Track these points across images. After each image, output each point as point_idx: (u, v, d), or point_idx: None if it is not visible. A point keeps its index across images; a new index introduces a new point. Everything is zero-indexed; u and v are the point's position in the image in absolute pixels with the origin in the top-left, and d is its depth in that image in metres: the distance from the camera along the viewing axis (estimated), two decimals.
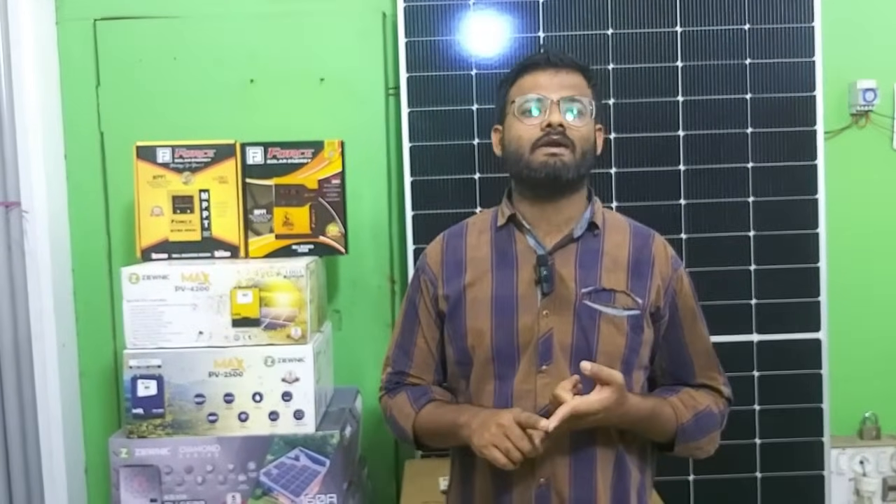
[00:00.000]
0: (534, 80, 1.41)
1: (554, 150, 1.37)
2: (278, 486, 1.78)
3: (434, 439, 1.48)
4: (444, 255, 1.50)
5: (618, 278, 1.41)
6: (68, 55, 2.23)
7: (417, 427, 1.47)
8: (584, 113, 1.40)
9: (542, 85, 1.40)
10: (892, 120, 2.32)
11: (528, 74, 1.42)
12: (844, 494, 2.33)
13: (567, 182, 1.39)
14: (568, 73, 1.41)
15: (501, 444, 1.28)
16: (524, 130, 1.39)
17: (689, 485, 2.21)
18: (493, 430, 1.30)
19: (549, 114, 1.37)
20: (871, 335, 2.34)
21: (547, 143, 1.37)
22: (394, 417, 1.51)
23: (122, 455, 1.78)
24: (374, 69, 2.24)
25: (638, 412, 1.35)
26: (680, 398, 1.44)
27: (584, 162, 1.40)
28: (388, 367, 1.56)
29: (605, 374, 1.28)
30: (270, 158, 1.97)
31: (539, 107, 1.39)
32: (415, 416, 1.47)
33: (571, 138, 1.37)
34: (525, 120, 1.40)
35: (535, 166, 1.38)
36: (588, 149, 1.41)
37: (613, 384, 1.28)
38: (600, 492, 1.38)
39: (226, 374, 1.78)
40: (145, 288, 1.78)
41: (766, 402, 2.21)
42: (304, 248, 1.98)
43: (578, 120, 1.39)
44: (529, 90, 1.40)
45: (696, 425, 1.43)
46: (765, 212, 2.19)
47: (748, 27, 2.18)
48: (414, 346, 1.52)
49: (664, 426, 1.41)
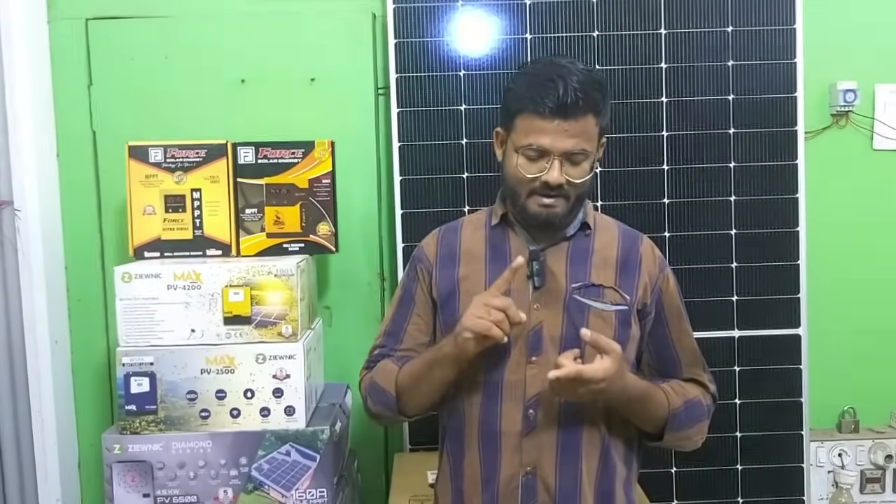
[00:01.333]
0: (540, 126, 1.37)
1: (548, 201, 1.41)
2: (269, 481, 1.81)
3: (417, 384, 1.47)
4: (440, 248, 1.55)
5: (607, 275, 1.46)
6: (60, 54, 2.24)
7: (400, 380, 1.49)
8: (587, 159, 1.41)
9: (548, 135, 1.37)
10: (872, 120, 2.36)
11: (537, 117, 1.37)
12: (823, 486, 2.38)
13: (559, 225, 1.45)
14: (577, 119, 1.37)
15: (487, 315, 1.33)
16: (522, 178, 1.41)
17: (672, 477, 2.25)
18: (472, 310, 1.34)
19: (549, 170, 1.38)
20: (849, 331, 2.39)
21: (543, 194, 1.40)
22: (375, 383, 1.52)
23: (115, 451, 1.80)
24: (364, 69, 2.27)
25: (635, 388, 1.40)
26: (671, 386, 1.49)
27: (578, 203, 1.46)
28: (372, 350, 1.60)
29: (604, 343, 1.32)
30: (261, 158, 1.99)
31: (541, 156, 1.39)
32: (397, 371, 1.49)
33: (567, 191, 1.41)
34: (525, 166, 1.41)
35: (530, 214, 1.43)
36: (583, 191, 1.44)
37: (612, 353, 1.32)
38: (585, 482, 1.43)
39: (218, 371, 1.81)
40: (138, 286, 1.81)
41: (746, 397, 2.26)
42: (295, 247, 2.01)
43: (578, 171, 1.40)
44: (535, 137, 1.38)
45: (686, 413, 1.47)
46: (746, 211, 2.24)
47: (731, 29, 2.22)
48: (404, 332, 1.56)
49: (656, 410, 1.45)
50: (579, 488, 1.43)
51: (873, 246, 2.39)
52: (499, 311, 1.32)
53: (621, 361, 1.34)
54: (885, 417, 2.43)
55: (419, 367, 1.47)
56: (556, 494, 1.42)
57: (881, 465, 2.36)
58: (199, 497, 1.81)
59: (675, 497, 2.25)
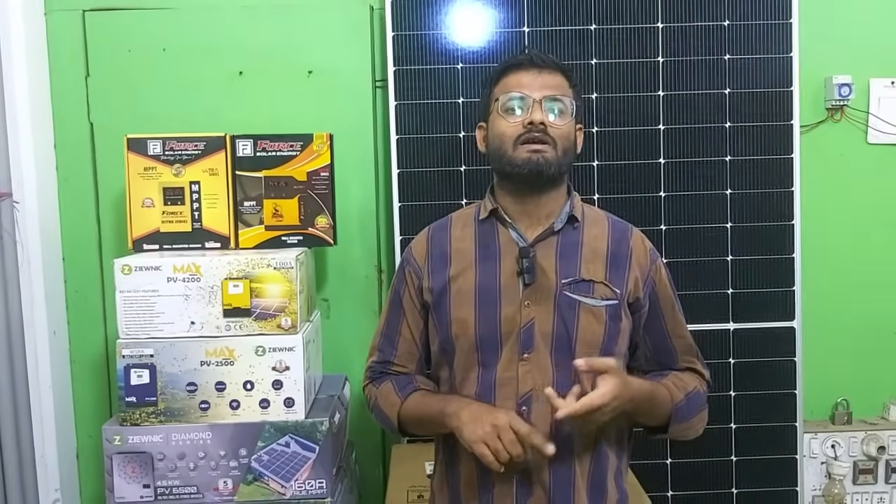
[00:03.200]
0: (517, 80, 1.45)
1: (536, 146, 1.42)
2: (269, 472, 1.83)
3: (419, 427, 1.52)
4: (429, 248, 1.54)
5: (596, 269, 1.47)
6: (57, 46, 2.24)
7: (402, 415, 1.51)
8: (566, 112, 1.45)
9: (525, 84, 1.44)
10: (867, 114, 2.38)
11: (512, 74, 1.46)
12: (816, 477, 2.40)
13: (548, 178, 1.44)
14: (550, 73, 1.45)
15: (492, 443, 1.33)
16: (507, 127, 1.44)
17: (667, 468, 2.27)
18: (486, 429, 1.33)
19: (531, 112, 1.42)
20: (843, 324, 2.41)
21: (529, 139, 1.42)
22: (378, 406, 1.55)
23: (115, 442, 1.82)
24: (362, 62, 2.27)
25: (642, 394, 1.41)
26: (670, 380, 1.50)
27: (565, 159, 1.45)
28: (372, 356, 1.61)
29: (600, 364, 1.32)
30: (260, 151, 1.99)
31: (522, 105, 1.43)
32: (400, 404, 1.51)
33: (553, 136, 1.42)
34: (508, 117, 1.44)
35: (518, 162, 1.42)
36: (568, 146, 1.45)
37: (610, 370, 1.32)
38: (578, 477, 1.44)
39: (217, 363, 1.82)
40: (138, 279, 1.81)
41: (741, 389, 2.28)
42: (294, 240, 2.01)
43: (559, 118, 1.44)
44: (513, 88, 1.44)
45: (688, 405, 1.49)
46: (742, 204, 2.25)
47: (727, 24, 2.22)
48: (399, 335, 1.57)
49: (661, 407, 1.46)
50: (573, 483, 1.44)
51: (868, 240, 2.41)
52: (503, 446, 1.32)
53: (621, 375, 1.34)
54: (878, 409, 2.45)
55: (424, 414, 1.48)
56: (551, 490, 1.43)
57: (874, 457, 2.38)
58: (198, 488, 1.83)
59: (671, 488, 2.27)
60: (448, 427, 1.41)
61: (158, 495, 1.82)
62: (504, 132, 1.44)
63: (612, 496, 1.48)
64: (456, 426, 1.38)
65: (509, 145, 1.43)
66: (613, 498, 1.48)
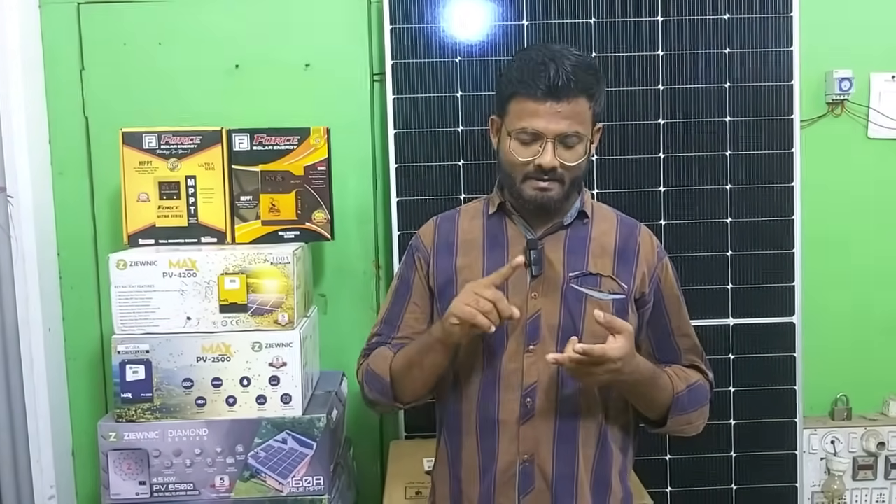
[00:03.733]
0: (533, 111, 1.38)
1: (542, 184, 1.40)
2: (266, 469, 1.81)
3: (410, 369, 1.47)
4: (436, 237, 1.54)
5: (604, 264, 1.46)
6: (52, 39, 2.21)
7: (394, 366, 1.48)
8: (581, 142, 1.41)
9: (540, 117, 1.37)
10: (867, 109, 2.36)
11: (529, 100, 1.38)
12: (816, 473, 2.39)
13: (554, 209, 1.45)
14: (569, 101, 1.37)
15: (476, 304, 1.31)
16: (517, 162, 1.41)
17: (666, 464, 2.27)
18: (464, 297, 1.33)
19: (542, 152, 1.38)
20: (843, 320, 2.40)
21: (538, 178, 1.40)
22: (370, 370, 1.52)
23: (110, 439, 1.80)
24: (360, 56, 2.25)
25: (645, 369, 1.40)
26: (674, 370, 1.50)
27: (573, 187, 1.44)
28: (370, 339, 1.59)
29: (619, 324, 1.32)
30: (256, 145, 1.98)
31: (534, 140, 1.39)
32: (392, 357, 1.50)
33: (562, 174, 1.40)
34: (518, 150, 1.41)
35: (525, 197, 1.42)
36: (578, 175, 1.44)
37: (625, 332, 1.32)
38: (582, 470, 1.43)
39: (214, 359, 1.81)
40: (133, 274, 1.80)
41: (740, 385, 2.27)
42: (291, 235, 2.00)
43: (572, 153, 1.40)
44: (528, 120, 1.38)
45: (689, 397, 1.48)
46: (741, 199, 2.24)
47: (728, 17, 2.21)
48: (401, 320, 1.56)
49: (661, 393, 1.45)
50: (576, 476, 1.43)
51: (868, 235, 2.40)
52: (488, 301, 1.31)
53: (633, 340, 1.34)
54: (878, 405, 2.44)
55: (411, 353, 1.47)
56: (553, 482, 1.42)
57: (873, 453, 2.37)
58: (195, 485, 1.81)
59: (670, 484, 2.26)
60: (436, 339, 1.40)
61: (154, 492, 1.81)
62: (514, 163, 1.42)
63: (617, 493, 1.47)
64: (440, 330, 1.38)
65: (518, 177, 1.42)
66: (618, 495, 1.47)
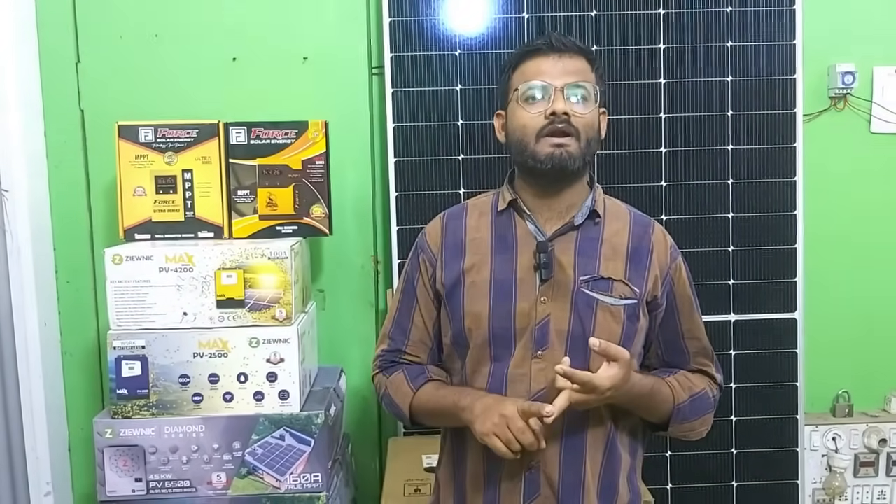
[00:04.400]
0: (537, 66, 1.38)
1: (559, 139, 1.36)
2: (263, 466, 1.80)
3: (432, 419, 1.49)
4: (444, 237, 1.49)
5: (616, 267, 1.42)
6: (48, 31, 2.19)
7: (415, 407, 1.48)
8: (589, 98, 1.39)
9: (545, 71, 1.37)
10: (870, 103, 2.35)
11: (532, 60, 1.39)
12: (817, 470, 2.38)
13: (572, 172, 1.39)
14: (572, 57, 1.38)
15: (503, 434, 1.30)
16: (528, 119, 1.38)
17: (667, 460, 2.25)
18: (496, 420, 1.31)
19: (553, 101, 1.35)
20: (845, 316, 2.39)
21: (552, 132, 1.36)
22: (390, 396, 1.51)
23: (106, 435, 1.78)
24: (358, 49, 2.23)
25: (641, 389, 1.38)
26: (677, 379, 1.46)
27: (589, 149, 1.40)
28: (382, 344, 1.56)
29: (614, 351, 1.29)
30: (254, 139, 1.96)
31: (543, 94, 1.37)
32: (412, 395, 1.47)
33: (576, 126, 1.36)
34: (529, 108, 1.38)
35: (541, 157, 1.37)
36: (592, 136, 1.40)
37: (621, 360, 1.29)
38: (589, 477, 1.40)
39: (210, 354, 1.79)
40: (129, 269, 1.78)
41: (742, 381, 2.25)
42: (288, 229, 1.98)
43: (583, 106, 1.38)
44: (533, 76, 1.38)
45: (692, 406, 1.45)
46: (744, 194, 2.22)
47: (730, 10, 2.19)
48: (411, 324, 1.52)
49: (662, 405, 1.43)
50: (583, 483, 1.41)
51: (870, 230, 2.38)
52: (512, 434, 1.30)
53: (629, 367, 1.32)
54: (880, 401, 2.43)
55: (437, 406, 1.45)
56: (559, 490, 1.40)
57: (875, 449, 2.36)
58: (191, 482, 1.80)
59: (670, 481, 2.25)
60: (462, 421, 1.38)
61: (151, 489, 1.79)
62: (525, 124, 1.38)
63: (624, 496, 1.45)
64: (469, 420, 1.36)
65: (531, 138, 1.38)
66: (625, 498, 1.45)
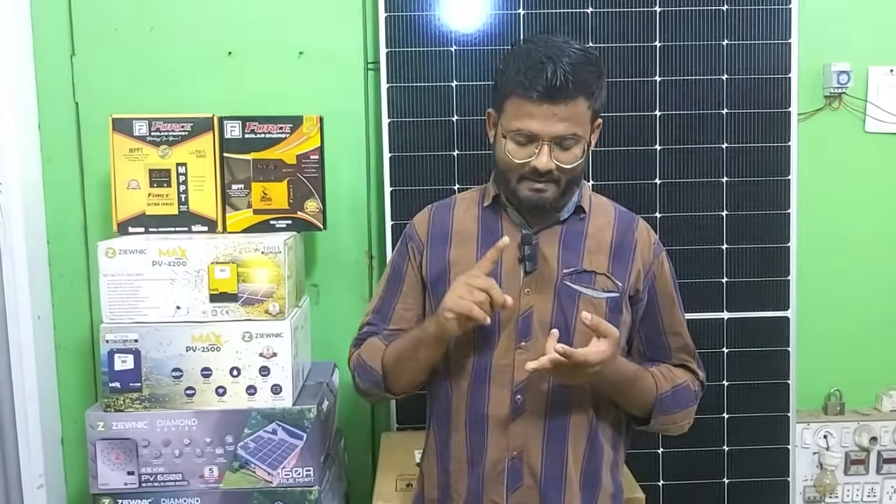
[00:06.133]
0: (529, 110, 1.34)
1: (538, 186, 1.38)
2: (255, 460, 1.80)
3: (404, 365, 1.47)
4: (431, 227, 1.52)
5: (599, 261, 1.44)
6: (42, 24, 2.18)
7: (386, 359, 1.48)
8: (578, 145, 1.38)
9: (536, 119, 1.34)
10: (865, 103, 2.35)
11: (526, 101, 1.34)
12: (808, 467, 2.39)
13: (549, 210, 1.42)
14: (567, 103, 1.34)
15: (469, 295, 1.30)
16: (512, 163, 1.38)
17: (658, 457, 2.26)
18: (457, 290, 1.32)
19: (539, 154, 1.35)
20: (838, 315, 2.39)
21: (533, 179, 1.38)
22: (361, 361, 1.52)
23: (98, 428, 1.78)
24: (354, 44, 2.23)
25: (626, 371, 1.40)
26: (660, 370, 1.48)
27: (570, 188, 1.42)
28: (361, 328, 1.58)
29: (604, 328, 1.31)
30: (249, 133, 1.95)
31: (530, 141, 1.36)
32: (384, 349, 1.49)
33: (558, 176, 1.38)
34: (514, 151, 1.38)
35: (520, 197, 1.40)
36: (574, 176, 1.41)
37: (610, 336, 1.31)
38: (571, 466, 1.42)
39: (203, 348, 1.79)
40: (122, 262, 1.77)
41: (734, 378, 2.26)
42: (282, 224, 1.98)
43: (569, 156, 1.37)
44: (524, 122, 1.35)
45: (674, 398, 1.47)
46: (738, 192, 2.23)
47: (726, 8, 2.19)
48: (392, 311, 1.54)
49: (644, 394, 1.45)
50: (565, 472, 1.42)
51: (864, 229, 2.39)
52: (481, 291, 1.30)
53: (616, 346, 1.33)
54: (871, 400, 2.44)
55: (404, 347, 1.46)
56: (542, 479, 1.41)
57: (866, 447, 2.37)
58: (184, 475, 1.80)
59: (662, 478, 2.26)
60: (429, 334, 1.38)
61: (143, 482, 1.79)
62: (509, 165, 1.39)
63: (607, 489, 1.46)
64: (433, 325, 1.37)
65: (513, 178, 1.40)
66: (608, 491, 1.46)
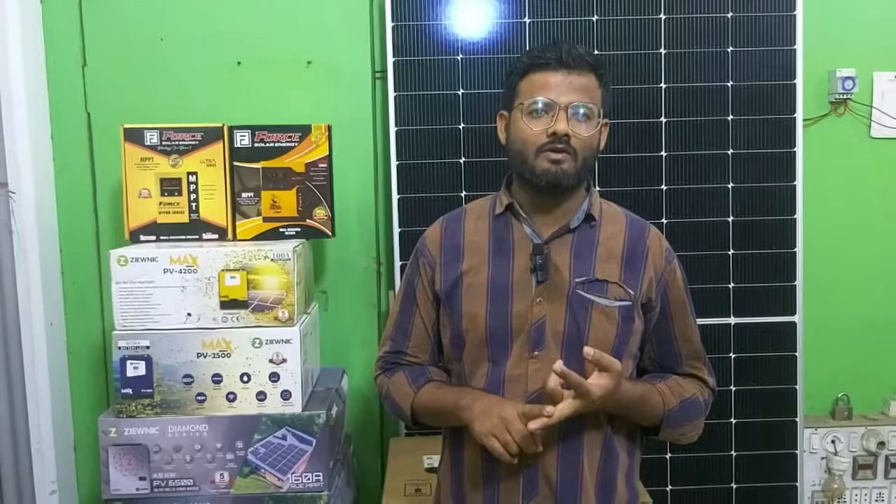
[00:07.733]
0: (544, 81, 1.38)
1: (556, 156, 1.38)
2: (265, 465, 1.82)
3: (432, 419, 1.51)
4: (443, 240, 1.52)
5: (611, 269, 1.44)
6: (54, 35, 2.22)
7: (416, 407, 1.50)
8: (592, 117, 1.39)
9: (552, 87, 1.37)
10: (870, 108, 2.36)
11: (539, 73, 1.39)
12: (816, 472, 2.39)
13: (566, 188, 1.42)
14: (580, 74, 1.37)
15: (501, 436, 1.32)
16: (529, 134, 1.39)
17: (666, 462, 2.26)
18: (495, 422, 1.33)
19: (556, 120, 1.36)
20: (844, 319, 2.40)
21: (550, 149, 1.38)
22: (391, 397, 1.53)
23: (111, 434, 1.80)
24: (361, 53, 2.25)
25: (630, 398, 1.39)
26: (667, 385, 1.47)
27: (585, 167, 1.42)
28: (384, 345, 1.58)
29: (607, 361, 1.31)
30: (258, 142, 1.98)
31: (547, 110, 1.38)
32: (414, 395, 1.49)
33: (574, 146, 1.38)
34: (531, 122, 1.39)
35: (538, 172, 1.39)
36: (590, 154, 1.42)
37: (612, 371, 1.31)
38: (586, 475, 1.42)
39: (214, 355, 1.81)
40: (134, 270, 1.80)
41: (742, 384, 2.26)
42: (292, 231, 2.00)
43: (585, 126, 1.39)
44: (539, 91, 1.38)
45: (682, 412, 1.46)
46: (744, 198, 2.24)
47: (731, 15, 2.20)
48: (412, 325, 1.54)
49: (651, 412, 1.44)
50: (580, 481, 1.42)
51: (870, 234, 2.39)
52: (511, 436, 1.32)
53: (619, 378, 1.33)
54: (878, 404, 2.44)
55: (437, 406, 1.47)
56: (558, 488, 1.41)
57: (873, 452, 2.37)
58: (195, 480, 1.82)
59: (670, 483, 2.26)
60: (462, 420, 1.40)
61: (154, 488, 1.81)
62: (526, 138, 1.40)
63: (622, 496, 1.46)
64: (468, 419, 1.38)
65: (531, 152, 1.40)
66: (623, 497, 1.46)
